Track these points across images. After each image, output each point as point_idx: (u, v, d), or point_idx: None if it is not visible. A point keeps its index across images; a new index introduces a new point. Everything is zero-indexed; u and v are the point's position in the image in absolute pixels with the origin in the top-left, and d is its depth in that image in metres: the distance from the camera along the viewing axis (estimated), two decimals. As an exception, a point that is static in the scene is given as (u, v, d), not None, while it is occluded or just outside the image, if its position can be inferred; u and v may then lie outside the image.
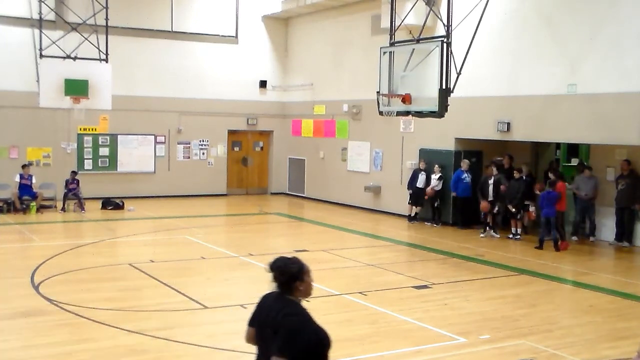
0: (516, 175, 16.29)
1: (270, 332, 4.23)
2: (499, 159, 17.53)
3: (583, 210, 16.19)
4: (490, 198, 16.54)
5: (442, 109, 13.90)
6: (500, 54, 16.62)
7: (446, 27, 13.91)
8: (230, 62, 24.03)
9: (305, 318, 4.20)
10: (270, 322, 4.25)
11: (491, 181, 16.57)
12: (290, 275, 4.27)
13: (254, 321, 4.47)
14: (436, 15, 15.33)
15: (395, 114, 15.40)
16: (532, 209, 16.10)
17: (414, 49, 14.55)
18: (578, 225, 16.42)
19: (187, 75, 23.26)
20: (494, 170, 16.70)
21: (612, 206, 15.75)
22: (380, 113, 15.46)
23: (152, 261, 13.05)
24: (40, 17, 19.22)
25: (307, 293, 4.33)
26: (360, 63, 21.08)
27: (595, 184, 15.94)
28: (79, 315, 9.26)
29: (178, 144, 23.46)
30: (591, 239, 16.09)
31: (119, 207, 20.31)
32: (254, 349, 8.03)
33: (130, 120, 22.40)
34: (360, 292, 10.82)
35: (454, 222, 18.14)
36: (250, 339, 4.55)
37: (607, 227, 16.00)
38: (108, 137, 22.33)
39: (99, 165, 22.26)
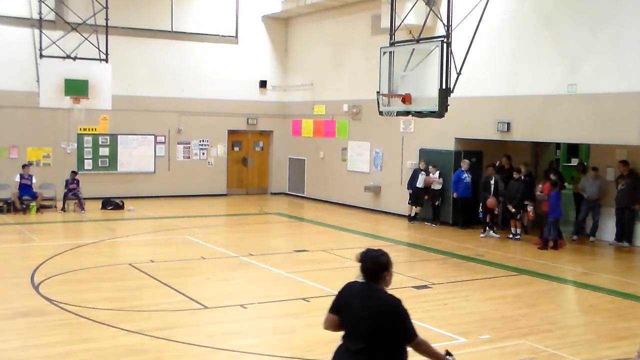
0: (515, 175, 16.29)
1: (363, 319, 4.46)
2: (496, 163, 17.53)
3: (588, 210, 16.14)
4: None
5: (442, 109, 13.90)
6: (500, 54, 16.61)
7: (446, 27, 13.91)
8: (230, 62, 24.03)
9: (404, 306, 4.54)
10: (358, 309, 4.50)
11: (492, 181, 16.58)
12: (381, 265, 4.58)
13: (337, 308, 4.64)
14: (436, 15, 15.33)
15: (395, 114, 15.39)
16: (530, 208, 16.08)
17: (414, 49, 14.54)
18: (580, 225, 16.41)
19: (187, 75, 23.27)
20: (492, 171, 16.73)
21: (612, 206, 15.74)
22: (380, 113, 15.45)
23: (152, 261, 13.04)
24: (40, 17, 19.21)
25: (389, 283, 4.66)
26: (360, 63, 21.06)
27: (601, 185, 15.92)
28: (78, 315, 9.26)
29: (178, 144, 23.46)
30: (591, 239, 16.07)
31: (119, 207, 20.31)
32: (254, 348, 8.09)
33: (130, 120, 22.40)
34: (360, 292, 10.79)
35: (454, 222, 18.15)
36: (330, 325, 4.69)
37: (607, 227, 15.98)
38: (108, 137, 22.33)
39: (99, 165, 22.26)
